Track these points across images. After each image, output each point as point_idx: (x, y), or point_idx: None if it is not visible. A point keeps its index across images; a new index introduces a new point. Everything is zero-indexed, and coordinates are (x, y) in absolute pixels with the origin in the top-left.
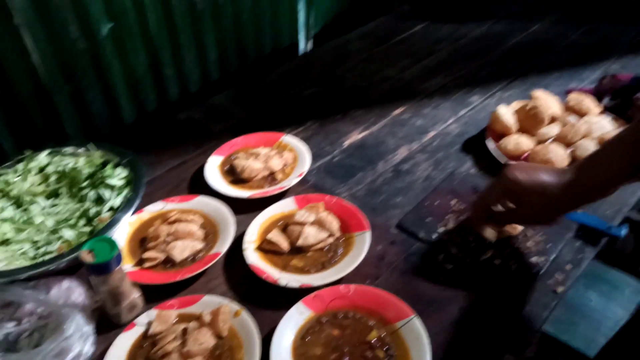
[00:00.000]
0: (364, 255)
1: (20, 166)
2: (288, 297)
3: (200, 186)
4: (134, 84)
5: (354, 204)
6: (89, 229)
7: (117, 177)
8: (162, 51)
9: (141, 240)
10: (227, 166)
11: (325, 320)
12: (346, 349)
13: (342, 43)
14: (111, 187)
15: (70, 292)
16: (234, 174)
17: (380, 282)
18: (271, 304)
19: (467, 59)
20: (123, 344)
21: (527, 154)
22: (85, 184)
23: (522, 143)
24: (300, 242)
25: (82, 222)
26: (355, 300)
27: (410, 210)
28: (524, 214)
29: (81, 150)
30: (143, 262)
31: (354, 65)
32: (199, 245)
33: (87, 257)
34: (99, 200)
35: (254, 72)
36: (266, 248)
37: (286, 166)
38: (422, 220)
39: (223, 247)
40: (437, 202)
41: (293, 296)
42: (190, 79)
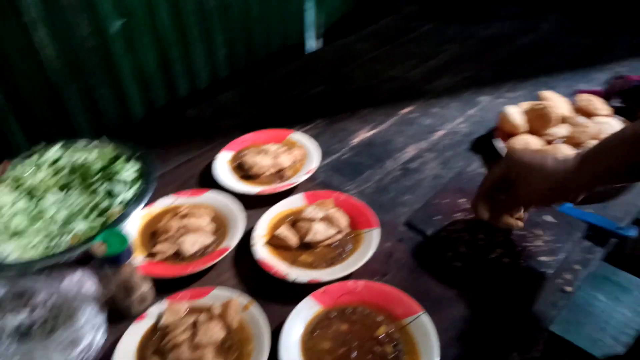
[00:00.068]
0: (372, 252)
1: (33, 159)
2: (296, 292)
3: (209, 182)
4: (143, 80)
5: (363, 202)
6: (101, 222)
7: (129, 171)
8: (171, 48)
9: (152, 234)
10: (236, 162)
11: (334, 315)
12: (354, 344)
13: (350, 42)
14: (122, 181)
15: (82, 283)
16: (243, 170)
17: (389, 279)
18: (280, 298)
19: (475, 59)
20: (134, 334)
21: None
22: (97, 177)
23: (530, 143)
24: (309, 238)
25: (93, 215)
26: (364, 296)
27: (419, 208)
28: (524, 193)
29: (93, 144)
30: (153, 255)
31: (361, 64)
32: (209, 240)
33: (99, 250)
34: (110, 194)
35: (262, 70)
36: (275, 243)
37: (295, 163)
38: (431, 218)
39: (232, 242)
40: (445, 201)
41: (301, 291)
42: (199, 76)
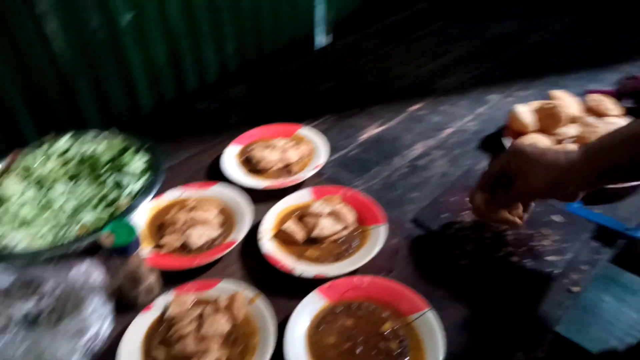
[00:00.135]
0: (379, 248)
1: (43, 149)
2: (302, 287)
3: (217, 175)
4: (152, 73)
5: (370, 198)
6: (109, 213)
7: (137, 162)
8: (181, 42)
9: (159, 226)
10: (244, 156)
11: (340, 310)
12: (360, 339)
13: (359, 39)
14: (131, 173)
15: (89, 273)
16: (250, 164)
17: (395, 276)
18: (286, 292)
19: (484, 58)
20: (140, 325)
21: None
22: (106, 168)
23: (540, 142)
24: (316, 233)
25: (101, 205)
26: (370, 291)
27: (426, 205)
28: (524, 186)
29: (102, 135)
30: (161, 247)
31: (370, 60)
32: (216, 233)
33: (107, 240)
34: (118, 185)
35: (271, 65)
36: (282, 238)
37: (302, 158)
38: (438, 216)
39: (239, 235)
40: (453, 199)
41: (307, 286)
42: (208, 70)
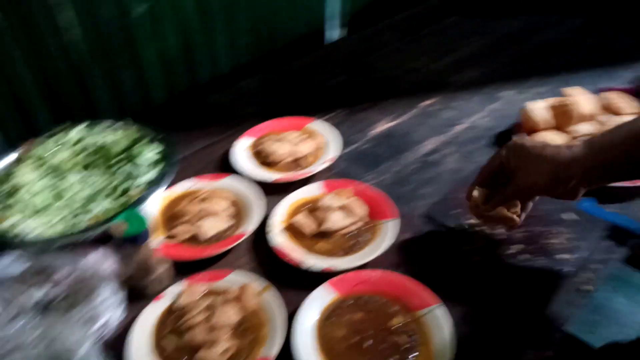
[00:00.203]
0: (389, 242)
1: (57, 138)
2: (312, 280)
3: (228, 168)
4: (165, 65)
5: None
6: (121, 203)
7: (150, 153)
8: (194, 34)
9: (171, 216)
10: (255, 149)
11: (349, 303)
12: (369, 333)
13: (373, 33)
14: (144, 163)
15: (102, 261)
16: (262, 157)
17: (405, 270)
18: (296, 284)
19: (498, 54)
20: (151, 314)
21: None
22: (119, 158)
23: (553, 140)
24: (326, 227)
25: (114, 195)
26: (380, 285)
27: (438, 201)
28: (523, 181)
29: (116, 125)
30: (172, 237)
31: (383, 55)
32: (227, 224)
33: (119, 230)
34: (131, 175)
35: (284, 58)
36: (292, 231)
37: (314, 152)
38: (449, 212)
39: (250, 227)
40: (464, 195)
41: (317, 279)
42: (220, 62)
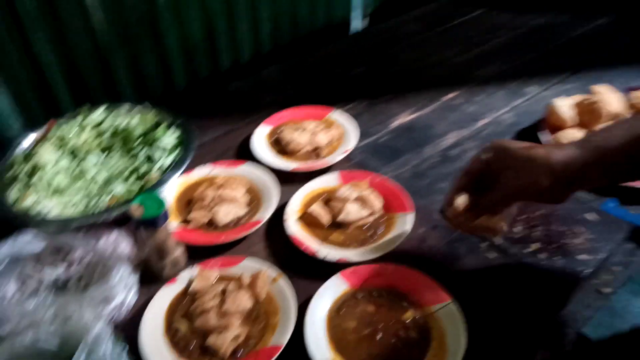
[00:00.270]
0: (405, 236)
1: (77, 120)
2: (325, 270)
3: (246, 155)
4: (187, 51)
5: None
6: (139, 186)
7: (169, 138)
8: (217, 21)
9: (187, 201)
10: (274, 137)
11: (361, 296)
12: (380, 326)
13: (397, 24)
14: (162, 147)
15: (118, 243)
16: (280, 146)
17: (420, 265)
18: (308, 274)
19: (525, 49)
20: (164, 297)
21: None
22: (138, 142)
23: (578, 138)
24: (342, 218)
25: (132, 178)
26: (393, 279)
27: None
28: (511, 185)
29: (136, 109)
30: (188, 222)
31: (407, 46)
32: (242, 211)
33: (136, 212)
34: (149, 159)
35: (305, 47)
36: (307, 220)
37: (332, 142)
38: None
39: (265, 215)
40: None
41: (330, 269)
42: (242, 49)
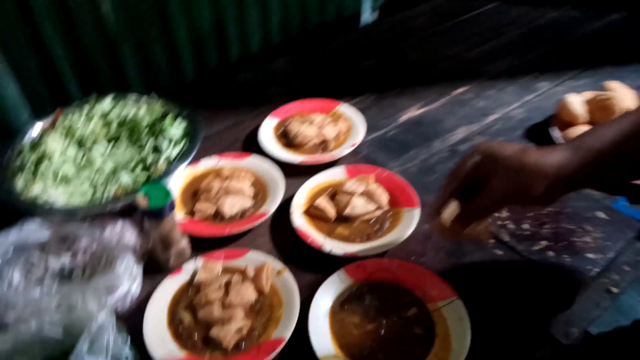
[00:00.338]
0: (411, 231)
1: (85, 110)
2: (330, 264)
3: (253, 147)
4: (196, 42)
5: (405, 180)
6: (145, 176)
7: (176, 128)
8: (226, 11)
9: (193, 193)
10: (281, 130)
11: (366, 291)
12: (384, 321)
13: (407, 17)
14: (169, 138)
15: (123, 233)
16: (287, 138)
17: (425, 261)
18: (313, 268)
19: (538, 44)
20: (168, 288)
21: None
22: (145, 132)
23: None
24: (348, 212)
25: (139, 168)
26: (398, 274)
27: None
28: (499, 189)
29: (143, 99)
30: (193, 213)
31: (417, 40)
32: (248, 203)
33: (143, 202)
34: (156, 149)
35: (315, 39)
36: (313, 214)
37: (339, 135)
38: None
39: (271, 208)
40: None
41: (335, 263)
42: (251, 41)
